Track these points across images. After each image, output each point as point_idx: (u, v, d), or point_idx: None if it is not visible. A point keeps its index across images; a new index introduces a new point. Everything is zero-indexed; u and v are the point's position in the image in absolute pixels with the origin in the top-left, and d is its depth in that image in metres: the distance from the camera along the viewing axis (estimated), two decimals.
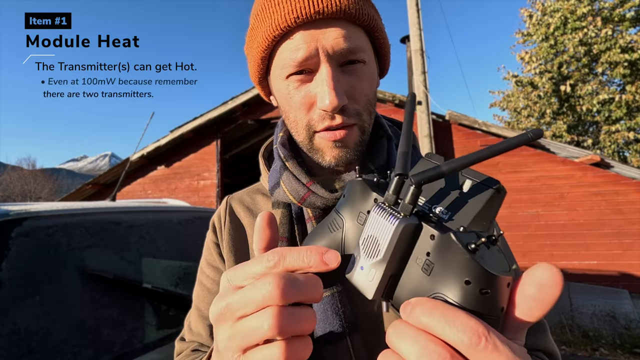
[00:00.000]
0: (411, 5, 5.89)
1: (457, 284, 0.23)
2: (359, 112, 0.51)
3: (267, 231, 0.33)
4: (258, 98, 6.47)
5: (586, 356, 4.00)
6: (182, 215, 1.86)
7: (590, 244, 5.23)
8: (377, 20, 0.52)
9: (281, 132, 0.62)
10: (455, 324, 0.21)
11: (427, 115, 5.65)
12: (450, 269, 0.24)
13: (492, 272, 0.22)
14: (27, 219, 1.19)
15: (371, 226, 0.28)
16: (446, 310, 0.22)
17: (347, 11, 0.47)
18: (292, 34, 0.48)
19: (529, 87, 11.74)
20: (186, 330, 0.66)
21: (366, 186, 0.31)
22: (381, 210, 0.27)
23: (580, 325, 4.61)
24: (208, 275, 0.65)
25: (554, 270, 0.22)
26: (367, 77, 0.52)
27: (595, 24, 10.18)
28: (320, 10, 0.46)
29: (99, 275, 1.27)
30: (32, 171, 37.54)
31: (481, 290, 0.23)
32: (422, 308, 0.23)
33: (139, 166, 7.24)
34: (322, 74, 0.48)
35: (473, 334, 0.21)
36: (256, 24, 0.52)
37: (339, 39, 0.47)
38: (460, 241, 0.23)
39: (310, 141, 0.53)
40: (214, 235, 0.65)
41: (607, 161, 5.21)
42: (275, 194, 0.58)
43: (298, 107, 0.51)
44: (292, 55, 0.48)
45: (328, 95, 0.47)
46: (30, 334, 1.03)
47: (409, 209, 0.26)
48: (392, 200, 0.28)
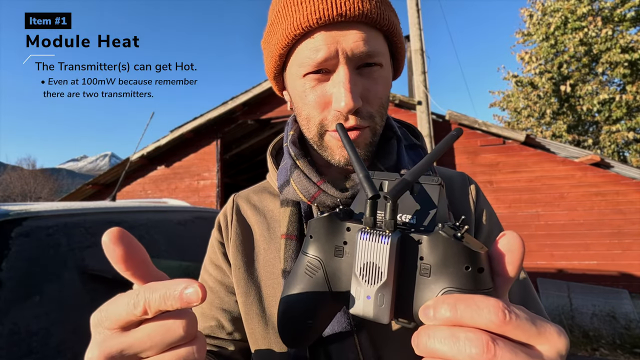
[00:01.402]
0: (411, 6, 5.89)
1: (458, 272, 0.25)
2: (372, 114, 0.52)
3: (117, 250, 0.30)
4: (258, 98, 6.47)
5: (586, 356, 4.00)
6: (182, 215, 1.86)
7: (590, 244, 5.22)
8: (396, 25, 0.52)
9: (292, 131, 0.62)
10: (479, 308, 0.23)
11: (427, 115, 5.64)
12: (448, 262, 0.26)
13: (479, 250, 0.25)
14: (27, 219, 1.19)
15: (363, 254, 0.28)
16: (467, 300, 0.24)
17: (369, 15, 0.47)
18: (312, 33, 0.48)
19: (529, 87, 11.74)
20: None
21: (334, 219, 0.31)
22: (367, 235, 0.27)
23: (580, 325, 4.61)
24: (211, 274, 0.65)
25: (514, 235, 0.26)
26: (382, 81, 0.52)
27: (595, 23, 10.17)
28: (342, 12, 0.46)
29: (99, 275, 1.27)
30: (32, 171, 37.54)
31: (479, 270, 0.25)
32: (445, 305, 0.24)
33: (139, 166, 7.23)
34: (340, 76, 0.48)
35: (498, 311, 0.23)
36: (276, 20, 0.52)
37: (358, 42, 0.48)
38: (449, 234, 0.25)
39: (321, 138, 0.54)
40: (219, 234, 0.65)
41: (607, 161, 5.20)
42: (285, 192, 0.58)
43: (313, 105, 0.52)
44: (312, 55, 0.48)
45: (344, 97, 0.47)
46: (30, 334, 1.03)
47: (392, 224, 0.27)
48: (371, 222, 0.28)
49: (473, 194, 0.62)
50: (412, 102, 5.81)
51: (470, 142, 5.82)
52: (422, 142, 0.64)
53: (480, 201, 0.62)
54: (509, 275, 0.27)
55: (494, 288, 0.26)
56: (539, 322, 0.24)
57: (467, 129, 5.85)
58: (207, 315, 0.63)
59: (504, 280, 0.27)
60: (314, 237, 0.32)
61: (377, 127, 0.53)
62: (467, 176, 0.65)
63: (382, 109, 0.54)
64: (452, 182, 0.63)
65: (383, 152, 0.58)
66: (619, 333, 4.39)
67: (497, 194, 5.59)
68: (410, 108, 5.97)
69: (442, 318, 0.24)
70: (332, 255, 0.31)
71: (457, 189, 0.62)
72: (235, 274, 0.61)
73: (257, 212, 0.64)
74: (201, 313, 0.64)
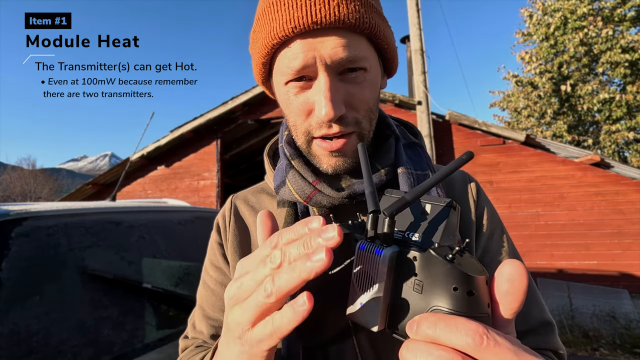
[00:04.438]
0: (411, 6, 5.89)
1: (446, 293, 0.26)
2: (358, 120, 0.51)
3: (268, 224, 0.36)
4: (258, 98, 6.47)
5: (586, 356, 4.00)
6: (182, 215, 1.86)
7: (590, 244, 5.22)
8: (379, 26, 0.50)
9: (286, 131, 0.62)
10: (458, 329, 0.24)
11: (427, 115, 5.64)
12: (438, 281, 0.27)
13: (471, 274, 0.26)
14: (27, 219, 1.19)
15: (360, 262, 0.30)
16: (447, 320, 0.25)
17: (346, 21, 0.46)
18: (290, 42, 0.48)
19: (529, 87, 11.73)
20: (190, 329, 0.67)
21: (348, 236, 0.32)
22: (365, 246, 0.29)
23: (580, 325, 4.61)
24: (211, 276, 0.65)
25: (518, 264, 0.26)
26: (368, 85, 0.51)
27: (595, 23, 10.17)
28: (317, 20, 0.45)
29: (99, 275, 1.27)
30: (32, 171, 37.53)
31: (468, 293, 0.26)
32: (427, 323, 0.25)
33: (139, 166, 7.23)
34: (320, 84, 0.48)
35: (475, 335, 0.23)
36: (257, 28, 0.52)
37: (337, 48, 0.47)
38: (440, 254, 0.27)
39: (309, 146, 0.54)
40: (218, 236, 0.65)
41: (607, 161, 5.20)
42: (281, 192, 0.58)
43: (297, 113, 0.51)
44: (290, 64, 0.48)
45: (325, 106, 0.47)
46: (30, 334, 1.03)
47: (388, 239, 0.29)
48: (372, 234, 0.30)
49: (474, 192, 0.61)
50: (412, 102, 5.81)
51: (470, 142, 5.82)
52: (421, 141, 0.64)
53: (481, 200, 0.62)
54: (510, 306, 0.26)
55: (490, 315, 0.27)
56: (523, 355, 0.24)
57: (467, 129, 5.85)
58: (210, 317, 0.63)
59: (505, 310, 0.27)
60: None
61: (365, 132, 0.52)
62: (467, 174, 0.65)
63: (370, 113, 0.53)
64: (453, 181, 0.62)
65: (381, 151, 0.57)
66: (619, 333, 4.39)
67: (497, 194, 5.59)
68: (410, 108, 5.97)
69: (423, 334, 0.25)
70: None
71: (458, 187, 0.62)
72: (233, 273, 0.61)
73: (254, 213, 0.64)
74: (203, 315, 0.64)
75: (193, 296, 1.51)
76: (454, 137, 5.93)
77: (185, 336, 0.67)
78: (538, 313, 0.57)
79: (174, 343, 1.37)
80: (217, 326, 0.62)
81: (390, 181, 0.56)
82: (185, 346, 0.65)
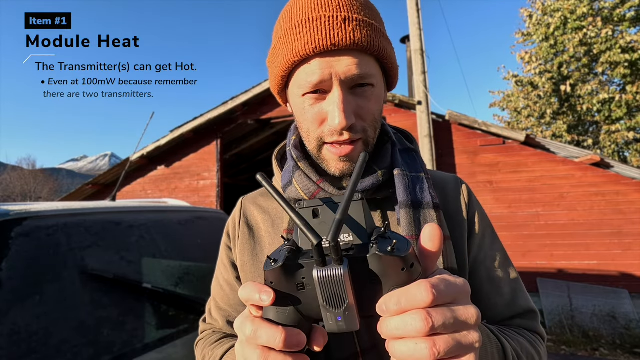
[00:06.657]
0: (411, 6, 5.89)
1: (398, 274, 0.33)
2: (365, 128, 0.58)
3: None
4: (258, 98, 6.47)
5: (586, 356, 4.00)
6: (182, 215, 1.86)
7: (590, 244, 5.22)
8: (386, 49, 0.58)
9: (294, 136, 0.70)
10: (414, 295, 0.31)
11: (427, 115, 5.64)
12: (389, 270, 0.33)
13: (406, 253, 0.32)
14: (27, 219, 1.19)
15: (324, 288, 0.33)
16: (404, 292, 0.32)
17: (359, 44, 0.53)
18: (309, 60, 0.55)
19: (529, 87, 11.73)
20: (207, 314, 0.78)
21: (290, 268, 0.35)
22: (322, 272, 0.33)
23: (580, 325, 4.61)
24: (222, 273, 0.74)
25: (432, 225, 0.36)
26: (375, 98, 0.58)
27: (595, 24, 10.16)
28: (335, 43, 0.53)
29: (99, 275, 1.27)
30: (32, 171, 37.54)
31: (410, 266, 0.33)
32: (391, 300, 0.33)
33: (139, 166, 7.23)
34: (334, 96, 0.55)
35: (428, 292, 0.31)
36: (278, 45, 0.58)
37: (351, 66, 0.54)
38: (383, 251, 0.32)
39: (319, 151, 0.60)
40: (227, 238, 0.73)
41: (607, 161, 5.20)
42: (288, 191, 0.64)
43: (311, 121, 0.58)
44: (309, 78, 0.55)
45: (338, 116, 0.54)
46: (30, 334, 1.03)
47: (338, 260, 0.33)
48: (321, 262, 0.33)
49: (465, 195, 0.68)
50: (412, 102, 5.81)
51: (470, 142, 5.82)
52: (416, 147, 0.71)
53: (472, 202, 0.68)
54: (433, 254, 0.36)
55: (423, 269, 0.35)
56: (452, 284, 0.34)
57: (467, 129, 5.85)
58: (221, 308, 0.73)
59: (431, 259, 0.36)
60: (274, 284, 0.37)
61: (370, 139, 0.60)
62: (459, 179, 0.72)
63: (375, 123, 0.60)
64: (446, 185, 0.69)
65: (378, 155, 0.65)
66: (619, 333, 4.40)
67: (497, 194, 5.59)
68: (410, 108, 5.97)
69: (392, 310, 0.32)
70: (296, 291, 0.36)
71: (450, 191, 0.68)
72: (242, 270, 0.68)
73: (262, 211, 0.71)
74: (216, 306, 0.74)
75: (193, 296, 1.51)
76: (454, 137, 5.93)
77: (204, 319, 0.79)
78: (524, 302, 0.65)
79: (174, 343, 1.37)
80: (227, 316, 0.72)
81: (386, 182, 0.62)
82: (204, 329, 0.76)
